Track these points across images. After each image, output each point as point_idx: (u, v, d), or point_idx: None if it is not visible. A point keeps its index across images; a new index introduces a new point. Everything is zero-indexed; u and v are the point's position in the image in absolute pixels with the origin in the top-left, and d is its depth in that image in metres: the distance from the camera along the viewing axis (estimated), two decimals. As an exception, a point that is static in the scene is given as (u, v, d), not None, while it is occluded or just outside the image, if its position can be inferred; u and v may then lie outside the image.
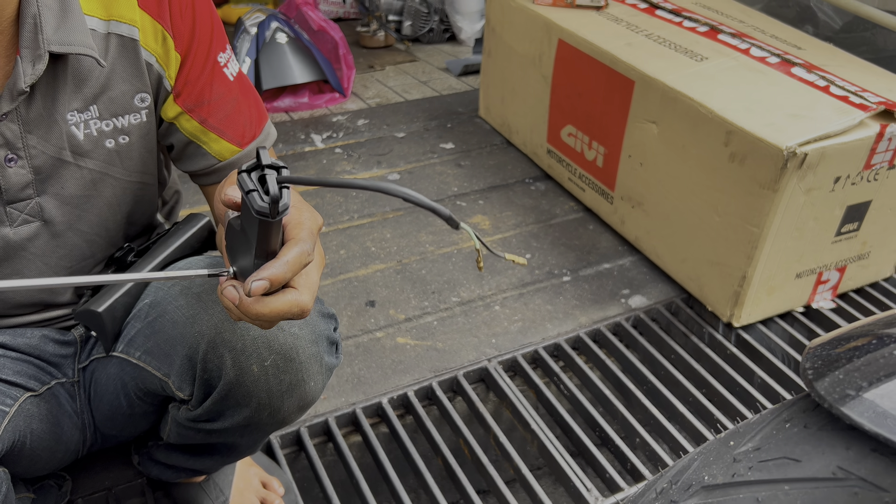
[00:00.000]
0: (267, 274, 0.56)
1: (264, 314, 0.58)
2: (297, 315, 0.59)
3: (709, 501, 0.38)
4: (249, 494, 1.06)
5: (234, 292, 0.58)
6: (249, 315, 0.58)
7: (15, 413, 0.76)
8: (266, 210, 0.52)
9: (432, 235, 1.69)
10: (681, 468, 0.42)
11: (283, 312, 0.58)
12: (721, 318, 1.45)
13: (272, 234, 0.55)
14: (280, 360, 0.74)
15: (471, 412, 1.30)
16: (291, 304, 0.58)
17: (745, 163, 1.29)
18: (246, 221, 0.55)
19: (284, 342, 0.74)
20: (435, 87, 2.45)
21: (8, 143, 0.73)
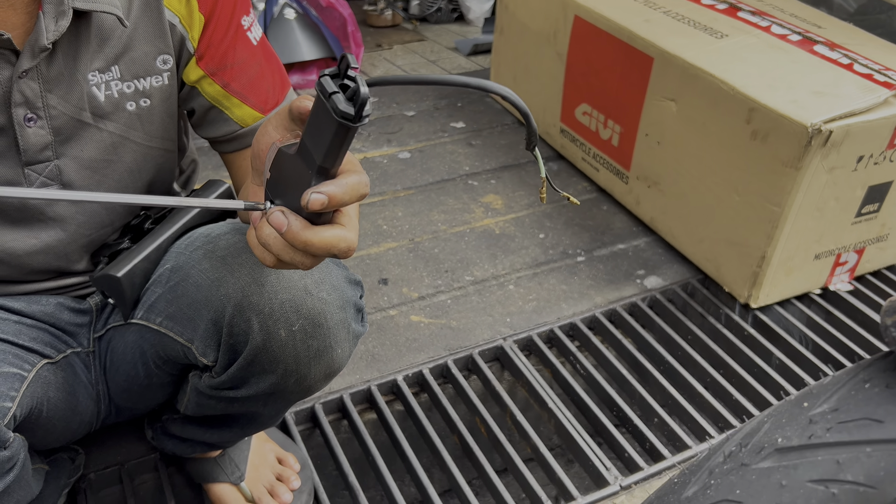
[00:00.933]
0: (327, 189, 0.52)
1: (313, 243, 0.54)
2: (343, 252, 0.56)
3: (783, 464, 0.36)
4: (265, 470, 1.04)
5: (281, 218, 0.54)
6: (296, 243, 0.54)
7: (33, 379, 0.74)
8: (351, 114, 0.48)
9: (444, 214, 1.67)
10: (749, 431, 0.40)
11: (332, 245, 0.54)
12: (738, 299, 1.43)
13: (344, 145, 0.51)
14: (308, 326, 0.72)
15: (486, 391, 1.29)
16: (340, 238, 0.55)
17: (768, 140, 1.27)
18: (314, 135, 0.51)
19: (313, 307, 0.72)
20: (444, 67, 2.42)
21: (27, 102, 0.71)
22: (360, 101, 0.48)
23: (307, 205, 0.52)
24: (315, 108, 0.51)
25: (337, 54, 2.21)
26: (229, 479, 1.02)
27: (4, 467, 0.66)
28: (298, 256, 0.55)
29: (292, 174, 0.54)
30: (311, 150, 0.52)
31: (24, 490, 0.73)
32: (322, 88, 0.49)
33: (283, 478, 1.05)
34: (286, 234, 0.54)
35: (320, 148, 0.52)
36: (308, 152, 0.53)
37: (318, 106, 0.51)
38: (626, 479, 1.11)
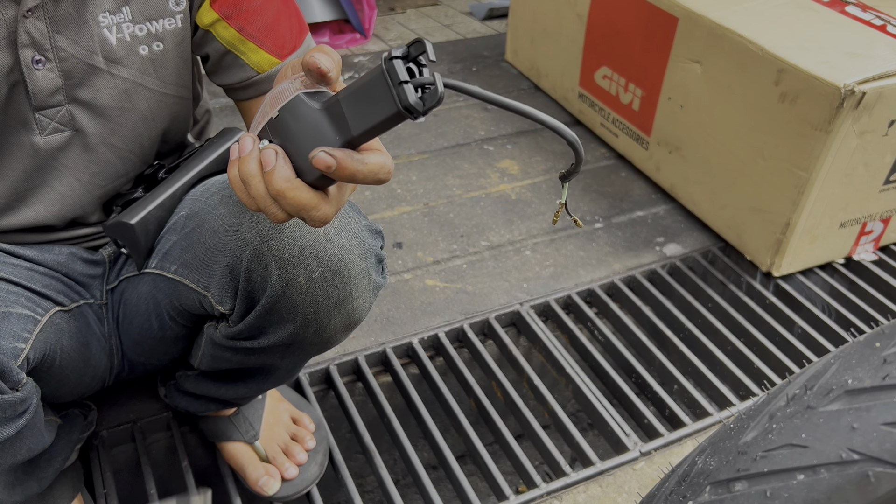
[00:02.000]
0: (340, 156, 0.50)
1: (285, 196, 0.51)
2: (312, 221, 0.53)
3: (855, 406, 0.34)
4: (280, 429, 1.03)
5: (271, 156, 0.51)
6: (271, 187, 0.51)
7: (46, 324, 0.72)
8: (419, 108, 0.46)
9: (459, 179, 1.64)
10: (815, 373, 0.38)
11: (302, 209, 0.52)
12: (760, 267, 1.40)
13: (388, 129, 0.49)
14: (328, 273, 0.70)
15: (502, 355, 1.27)
16: (314, 206, 0.52)
17: (797, 102, 1.24)
18: (358, 105, 0.49)
19: (333, 254, 0.70)
20: (458, 31, 2.37)
21: (35, 43, 0.68)
22: (432, 102, 0.47)
23: (312, 159, 0.49)
24: (371, 80, 0.48)
25: (350, 16, 2.17)
26: (243, 437, 1.00)
27: (17, 410, 0.64)
28: (269, 204, 0.53)
29: (307, 127, 0.52)
30: (347, 118, 0.50)
31: (36, 438, 0.72)
32: (390, 72, 0.47)
33: (297, 437, 1.03)
34: (266, 175, 0.51)
35: (362, 122, 0.49)
36: (341, 116, 0.50)
37: (375, 80, 0.48)
38: (646, 445, 1.09)
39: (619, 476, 1.06)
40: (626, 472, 1.06)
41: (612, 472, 1.06)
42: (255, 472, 0.99)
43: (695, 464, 0.40)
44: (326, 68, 0.51)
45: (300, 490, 0.99)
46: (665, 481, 0.42)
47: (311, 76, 0.52)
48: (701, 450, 0.41)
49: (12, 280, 0.73)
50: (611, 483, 1.05)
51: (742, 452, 0.37)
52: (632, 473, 1.06)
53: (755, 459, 0.36)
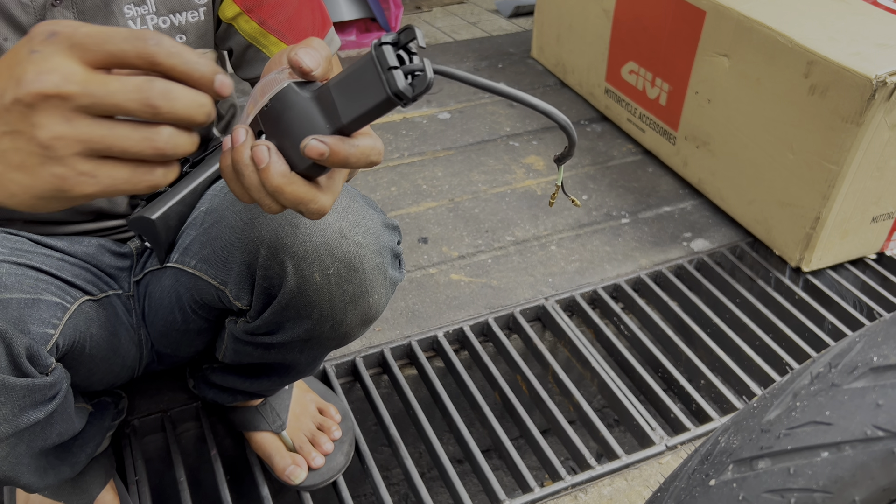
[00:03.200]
0: (331, 142, 0.48)
1: (283, 192, 0.49)
2: (310, 214, 0.52)
3: (880, 383, 0.33)
4: (306, 419, 1.04)
5: (263, 153, 0.49)
6: (267, 184, 0.49)
7: (75, 312, 0.74)
8: (408, 96, 0.46)
9: (484, 175, 1.64)
10: (839, 352, 0.37)
11: (300, 202, 0.50)
12: (789, 262, 1.39)
13: (379, 116, 0.49)
14: (343, 270, 0.70)
15: (527, 349, 1.27)
16: (312, 198, 0.51)
17: (827, 95, 1.22)
18: (348, 93, 0.48)
19: (348, 250, 0.70)
20: (484, 28, 2.38)
21: None
22: (422, 88, 0.46)
23: (304, 148, 0.48)
24: (361, 67, 0.48)
25: (377, 15, 2.18)
26: (271, 427, 1.01)
27: (47, 394, 0.66)
28: (263, 196, 0.51)
29: (298, 116, 0.51)
30: (338, 105, 0.49)
31: (66, 423, 0.73)
32: (380, 58, 0.47)
33: (324, 428, 1.04)
34: (262, 172, 0.49)
35: (352, 109, 0.48)
36: (331, 104, 0.50)
37: (365, 67, 0.48)
38: (672, 439, 1.09)
39: (644, 470, 1.05)
40: (652, 465, 1.06)
41: (638, 465, 1.06)
42: (282, 461, 1.00)
43: (717, 442, 0.40)
44: (309, 67, 0.49)
45: (326, 479, 1.00)
46: (688, 461, 0.42)
47: (295, 73, 0.51)
48: (724, 429, 0.41)
49: (43, 269, 0.75)
50: (636, 476, 1.04)
51: (765, 430, 0.37)
52: (657, 467, 1.06)
53: (778, 437, 0.36)
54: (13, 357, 0.61)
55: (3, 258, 0.71)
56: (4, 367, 0.60)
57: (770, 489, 0.34)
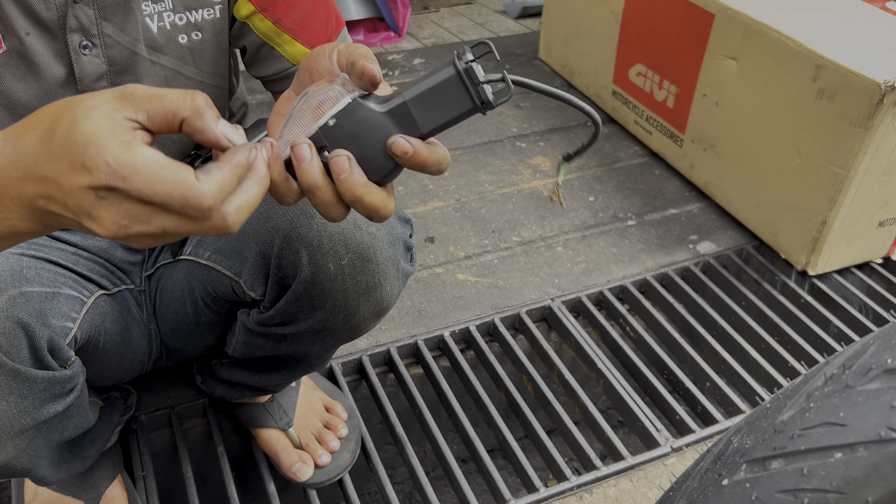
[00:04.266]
0: (416, 142, 0.51)
1: (364, 201, 0.51)
2: (382, 218, 0.53)
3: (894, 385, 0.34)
4: (313, 417, 1.04)
5: (345, 163, 0.50)
6: (350, 193, 0.51)
7: (91, 306, 0.75)
8: (493, 104, 0.50)
9: (491, 175, 1.65)
10: (853, 353, 0.38)
11: (377, 209, 0.52)
12: (795, 265, 1.39)
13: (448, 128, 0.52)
14: (357, 260, 0.71)
15: (533, 349, 1.27)
16: (384, 204, 0.52)
17: (835, 99, 1.22)
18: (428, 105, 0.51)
19: (361, 241, 0.71)
20: (492, 29, 2.38)
21: (83, 28, 0.70)
22: (505, 97, 0.50)
23: (391, 145, 0.51)
24: (442, 81, 0.51)
25: (385, 15, 2.19)
26: (277, 424, 1.02)
27: (66, 387, 0.66)
28: (335, 206, 0.52)
29: (372, 130, 0.52)
30: (415, 117, 0.52)
31: (81, 416, 0.74)
32: (470, 74, 0.50)
33: (330, 425, 1.04)
34: (343, 182, 0.50)
35: (431, 120, 0.51)
36: (408, 116, 0.52)
37: (448, 82, 0.50)
38: (678, 441, 1.09)
39: (649, 471, 1.06)
40: (657, 466, 1.06)
41: (643, 466, 1.06)
42: (288, 458, 1.00)
43: (730, 443, 0.40)
44: (380, 78, 0.52)
45: (333, 477, 1.01)
46: (700, 461, 0.42)
47: (361, 81, 0.52)
48: (737, 429, 0.41)
49: (60, 263, 0.76)
50: (641, 478, 1.05)
51: (779, 431, 0.37)
52: (663, 468, 1.06)
53: (792, 438, 0.36)
54: (35, 350, 0.62)
55: (23, 252, 0.71)
56: (27, 360, 0.61)
57: (783, 489, 0.35)
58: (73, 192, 0.43)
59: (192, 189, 0.43)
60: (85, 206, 0.43)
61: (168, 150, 0.82)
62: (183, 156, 0.86)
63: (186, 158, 0.86)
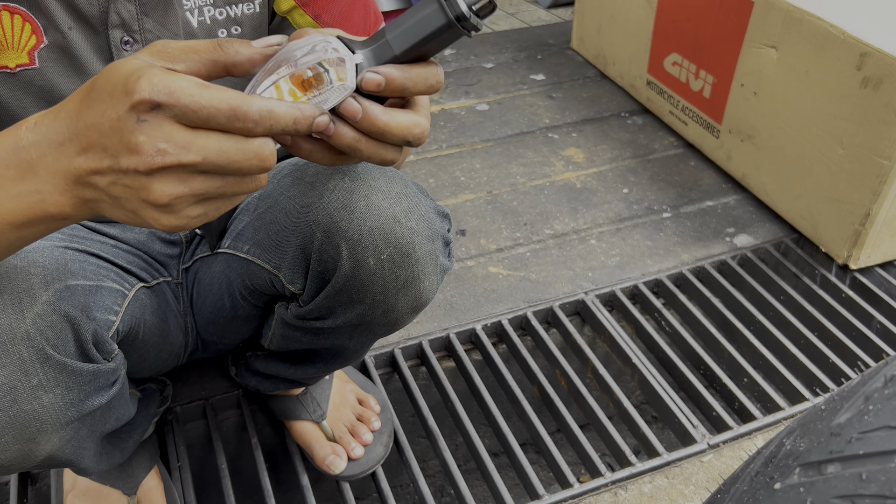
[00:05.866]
0: (386, 70, 0.48)
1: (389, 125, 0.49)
2: (417, 139, 0.51)
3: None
4: (346, 410, 1.04)
5: (354, 104, 0.49)
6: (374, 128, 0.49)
7: (132, 299, 0.75)
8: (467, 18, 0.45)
9: (523, 167, 1.63)
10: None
11: (408, 130, 0.50)
12: (836, 259, 1.35)
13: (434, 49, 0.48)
14: (396, 255, 0.70)
15: (566, 343, 1.26)
16: (414, 123, 0.51)
17: (881, 88, 1.18)
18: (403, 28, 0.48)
19: (401, 236, 0.70)
20: (523, 19, 2.36)
21: (124, 24, 0.70)
22: (486, 9, 0.46)
23: (360, 82, 0.48)
24: (418, 5, 0.48)
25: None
26: (311, 417, 1.02)
27: (109, 379, 0.67)
28: (375, 147, 0.51)
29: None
30: (389, 40, 0.49)
31: (123, 408, 0.75)
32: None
33: (363, 418, 1.04)
34: (363, 120, 0.49)
35: (405, 40, 0.48)
36: (385, 45, 0.49)
37: (422, 4, 0.47)
38: (714, 438, 1.07)
39: (686, 468, 1.04)
40: (694, 464, 1.04)
41: (679, 463, 1.04)
42: (322, 450, 1.00)
43: (783, 445, 0.38)
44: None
45: (366, 470, 1.01)
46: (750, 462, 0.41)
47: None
48: (789, 431, 0.40)
49: (101, 255, 0.76)
50: (678, 475, 1.03)
51: (835, 434, 0.36)
52: (699, 466, 1.04)
53: (850, 441, 0.34)
54: (81, 343, 0.62)
55: (66, 245, 0.72)
56: (73, 353, 0.62)
57: (840, 495, 0.33)
58: (114, 125, 0.43)
59: (238, 99, 0.44)
60: (125, 137, 0.43)
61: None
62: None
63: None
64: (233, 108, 0.43)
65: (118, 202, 0.46)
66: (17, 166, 0.46)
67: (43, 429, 0.61)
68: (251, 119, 0.44)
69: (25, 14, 0.66)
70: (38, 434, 0.61)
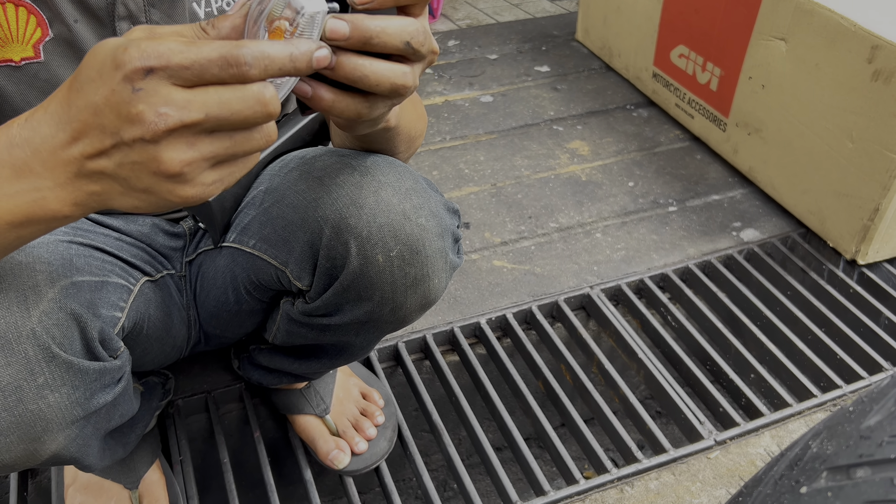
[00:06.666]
0: (352, 17, 0.45)
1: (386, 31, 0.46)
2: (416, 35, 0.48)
3: None
4: (349, 404, 1.03)
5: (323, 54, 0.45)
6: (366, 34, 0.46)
7: (137, 293, 0.74)
8: None
9: (528, 160, 1.62)
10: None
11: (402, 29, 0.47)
12: (844, 254, 1.34)
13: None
14: (406, 252, 0.69)
15: (571, 338, 1.25)
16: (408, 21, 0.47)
17: (892, 81, 1.17)
18: None
19: (411, 233, 0.69)
20: (528, 10, 2.34)
21: (131, 16, 0.69)
22: None
23: (326, 31, 0.45)
24: None
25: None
26: (314, 411, 1.01)
27: (115, 377, 0.66)
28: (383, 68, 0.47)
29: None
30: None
31: (127, 404, 0.74)
32: None
33: (367, 413, 1.03)
34: (353, 33, 0.46)
35: None
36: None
37: None
38: (721, 434, 1.06)
39: (692, 464, 1.03)
40: (700, 460, 1.03)
41: (686, 459, 1.03)
42: (325, 445, 0.99)
43: (808, 447, 0.37)
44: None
45: (370, 465, 1.00)
46: (773, 465, 0.39)
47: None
48: (815, 433, 0.39)
49: (105, 249, 0.75)
50: (684, 471, 1.02)
51: (865, 437, 0.34)
52: (706, 462, 1.03)
53: (880, 445, 0.33)
54: (87, 341, 0.61)
55: (71, 239, 0.71)
56: (79, 352, 0.60)
57: (870, 500, 0.32)
58: (108, 101, 0.41)
59: (227, 46, 0.42)
60: (123, 109, 0.41)
61: None
62: None
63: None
64: (223, 56, 0.42)
65: (128, 184, 0.44)
66: (12, 165, 0.44)
67: (48, 428, 0.60)
68: (244, 62, 0.42)
69: (30, 6, 0.64)
70: (44, 433, 0.60)
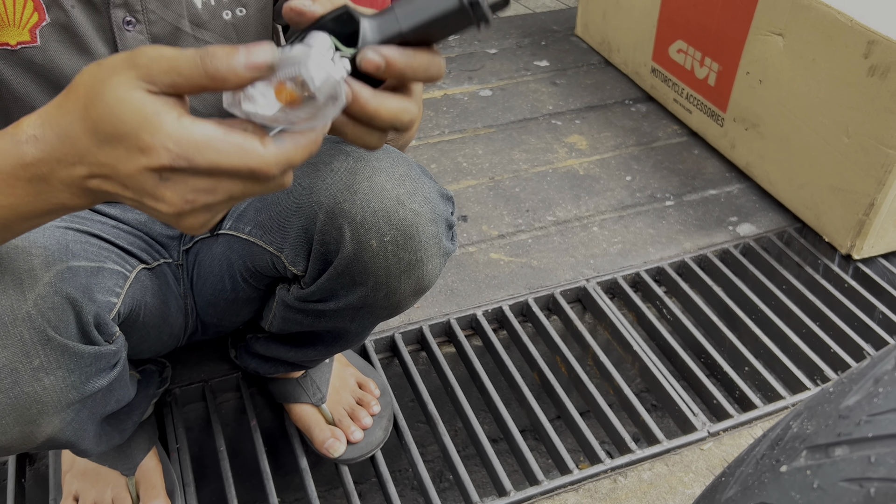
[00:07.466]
0: (388, 52, 0.46)
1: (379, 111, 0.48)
2: (405, 125, 0.49)
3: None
4: (346, 393, 1.04)
5: (342, 87, 0.46)
6: (366, 111, 0.48)
7: (133, 280, 0.75)
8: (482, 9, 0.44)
9: (526, 153, 1.62)
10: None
11: (396, 117, 0.49)
12: (839, 249, 1.35)
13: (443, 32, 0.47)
14: (400, 237, 0.70)
15: (567, 330, 1.25)
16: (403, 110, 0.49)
17: (888, 76, 1.17)
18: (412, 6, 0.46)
19: (405, 218, 0.69)
20: (527, 5, 2.34)
21: (127, 5, 0.69)
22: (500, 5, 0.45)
23: (360, 62, 0.46)
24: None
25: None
26: (311, 400, 1.02)
27: (110, 361, 0.66)
28: (361, 132, 0.50)
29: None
30: (399, 17, 0.47)
31: (123, 390, 0.74)
32: None
33: (363, 402, 1.04)
34: (353, 105, 0.47)
35: (413, 17, 0.46)
36: (392, 18, 0.47)
37: None
38: (715, 426, 1.07)
39: (686, 455, 1.04)
40: (694, 451, 1.04)
41: (679, 451, 1.04)
42: (321, 433, 1.00)
43: (789, 427, 0.38)
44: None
45: (365, 453, 1.01)
46: (756, 445, 0.40)
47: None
48: (796, 414, 0.39)
49: (102, 236, 0.76)
50: (677, 462, 1.03)
51: (843, 416, 0.35)
52: (699, 453, 1.04)
53: (858, 424, 0.34)
54: (83, 325, 0.62)
55: (67, 225, 0.71)
56: (74, 335, 0.61)
57: (848, 478, 0.33)
58: (134, 176, 0.43)
59: (257, 159, 0.43)
60: (148, 188, 0.43)
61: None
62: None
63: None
64: (253, 171, 0.43)
65: (137, 203, 0.46)
66: (28, 180, 0.45)
67: (44, 411, 0.60)
68: (272, 175, 0.44)
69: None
70: (39, 416, 0.60)
